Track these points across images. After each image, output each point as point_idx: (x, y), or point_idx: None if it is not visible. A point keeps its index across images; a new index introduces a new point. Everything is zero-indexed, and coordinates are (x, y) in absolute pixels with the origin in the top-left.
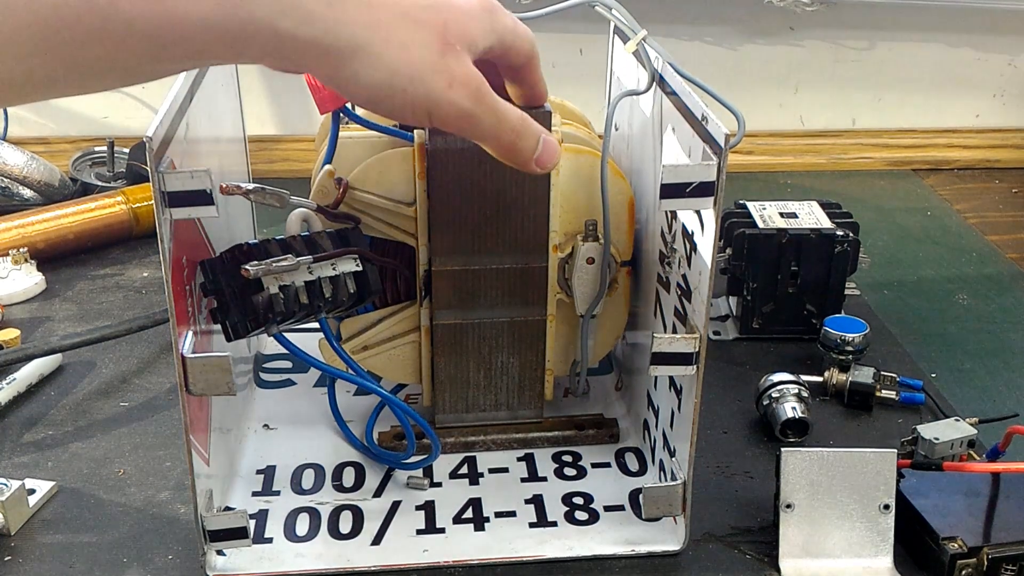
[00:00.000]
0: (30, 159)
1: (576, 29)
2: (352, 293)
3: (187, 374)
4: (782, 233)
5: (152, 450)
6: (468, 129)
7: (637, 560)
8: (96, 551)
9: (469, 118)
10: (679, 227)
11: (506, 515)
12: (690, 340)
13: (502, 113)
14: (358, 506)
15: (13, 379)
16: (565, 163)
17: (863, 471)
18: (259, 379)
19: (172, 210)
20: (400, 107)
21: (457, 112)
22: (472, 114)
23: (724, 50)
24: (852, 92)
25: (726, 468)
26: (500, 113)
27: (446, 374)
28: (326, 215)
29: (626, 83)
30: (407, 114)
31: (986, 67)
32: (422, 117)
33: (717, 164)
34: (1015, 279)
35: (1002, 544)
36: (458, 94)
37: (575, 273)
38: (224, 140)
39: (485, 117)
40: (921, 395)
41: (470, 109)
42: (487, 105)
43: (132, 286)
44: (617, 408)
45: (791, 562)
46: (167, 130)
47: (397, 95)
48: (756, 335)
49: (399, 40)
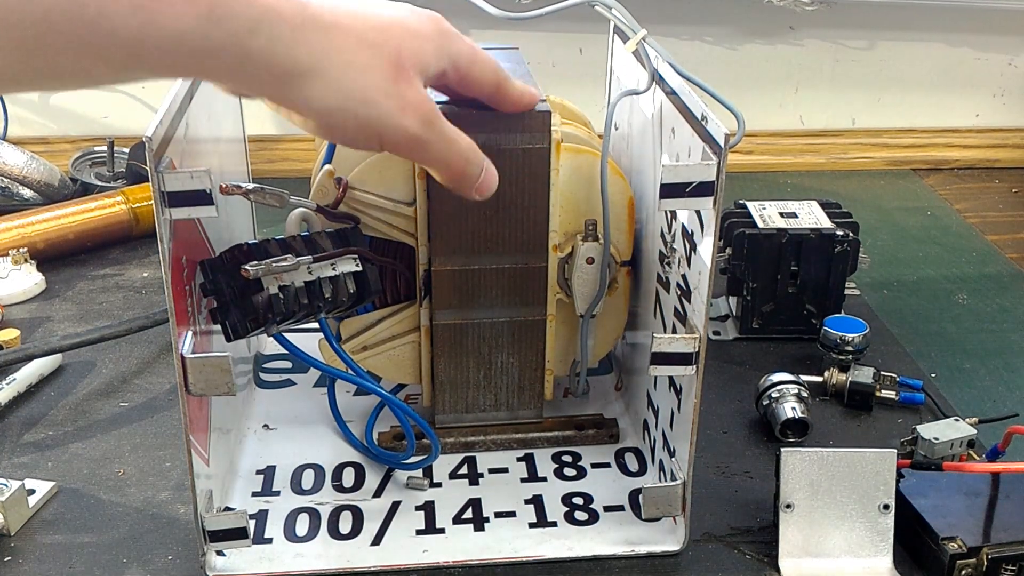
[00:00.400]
0: (30, 159)
1: (576, 29)
2: (352, 293)
3: (187, 374)
4: (782, 233)
5: (152, 450)
6: (418, 154)
7: (637, 560)
8: (96, 551)
9: (420, 143)
10: (679, 227)
11: (506, 515)
12: (690, 340)
13: (451, 140)
14: (358, 506)
15: (13, 379)
16: (565, 163)
17: (863, 471)
18: (259, 379)
19: (172, 210)
20: (353, 131)
21: (407, 138)
22: (422, 139)
23: (724, 50)
24: (852, 92)
25: (726, 468)
26: (449, 140)
27: (446, 374)
28: (326, 215)
29: (626, 83)
30: (359, 138)
31: (986, 67)
32: (373, 141)
33: (717, 164)
34: (1015, 279)
35: (1002, 544)
36: (410, 120)
37: (575, 273)
38: (224, 140)
39: (435, 143)
40: (921, 395)
41: (421, 135)
42: (437, 131)
43: (132, 286)
44: (617, 408)
45: (791, 562)
46: (167, 130)
47: (349, 119)
48: (756, 335)
49: (353, 65)
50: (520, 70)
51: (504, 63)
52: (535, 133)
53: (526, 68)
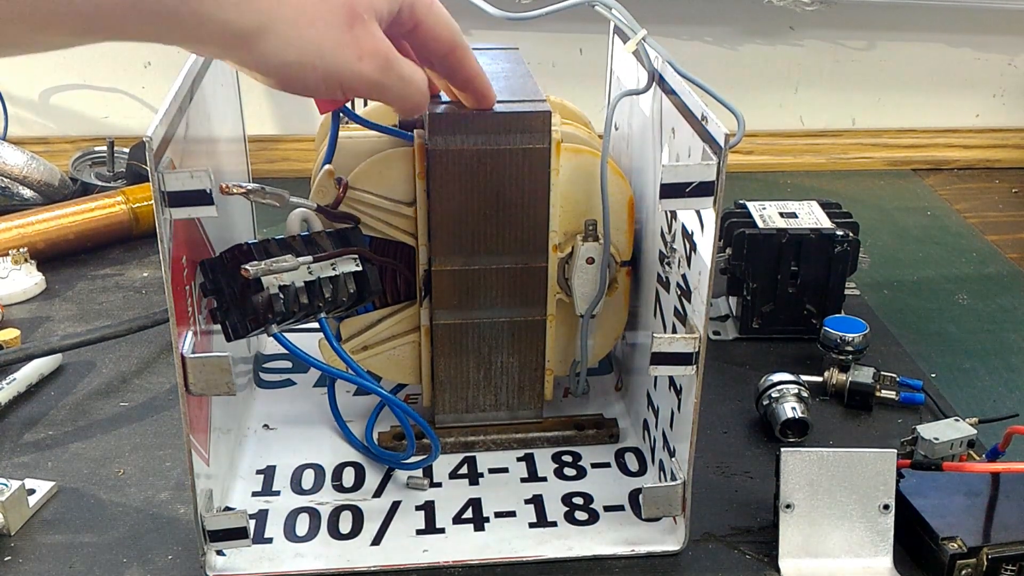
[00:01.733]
0: (30, 159)
1: (576, 29)
2: (352, 293)
3: (187, 374)
4: (782, 233)
5: (152, 450)
6: (377, 96)
7: (637, 560)
8: (96, 551)
9: (379, 87)
10: (679, 227)
11: (506, 515)
12: (690, 340)
13: (408, 80)
14: (358, 506)
15: (13, 379)
16: (565, 163)
17: (863, 471)
18: (259, 379)
19: (172, 210)
20: (313, 83)
21: (367, 83)
22: (382, 83)
23: (724, 50)
24: (852, 92)
25: (726, 468)
26: (407, 80)
27: (446, 374)
28: (326, 215)
29: (626, 83)
30: (320, 88)
31: (986, 67)
32: (335, 90)
33: (717, 164)
34: (1015, 279)
35: (1002, 544)
36: (368, 66)
37: (575, 273)
38: (224, 140)
39: (394, 85)
40: (921, 395)
41: (379, 80)
42: (395, 74)
43: (132, 286)
44: (617, 408)
45: (791, 562)
46: (167, 130)
47: (308, 72)
48: (756, 335)
49: (306, 17)
50: (520, 70)
51: (504, 63)
52: (535, 133)
53: (526, 68)
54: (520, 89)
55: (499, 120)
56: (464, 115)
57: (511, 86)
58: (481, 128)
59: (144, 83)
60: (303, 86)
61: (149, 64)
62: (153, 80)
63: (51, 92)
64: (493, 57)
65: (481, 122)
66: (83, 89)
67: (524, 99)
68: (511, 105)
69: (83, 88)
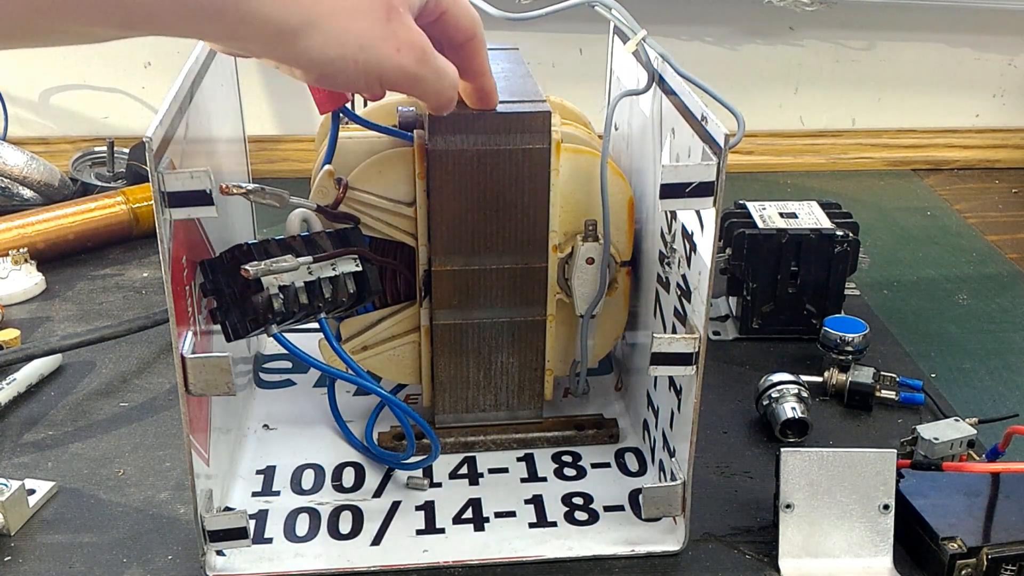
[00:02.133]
0: (30, 159)
1: (576, 29)
2: (352, 293)
3: (187, 374)
4: (782, 233)
5: (152, 450)
6: (413, 89)
7: (637, 560)
8: (96, 551)
9: (416, 80)
10: (679, 227)
11: (506, 515)
12: (690, 340)
13: (443, 72)
14: (358, 506)
15: (13, 379)
16: (565, 163)
17: (863, 471)
18: (259, 379)
19: (172, 210)
20: (353, 78)
21: (406, 76)
22: (419, 75)
23: (724, 50)
24: (852, 92)
25: (726, 468)
26: (441, 71)
27: (446, 374)
28: (326, 215)
29: (626, 83)
30: (360, 82)
31: (986, 67)
32: (374, 84)
33: (717, 164)
34: (1015, 279)
35: (1001, 544)
36: (406, 58)
37: (575, 273)
38: (224, 140)
39: (430, 77)
40: (921, 395)
41: (417, 72)
42: (431, 67)
43: (132, 286)
44: (617, 408)
45: (791, 562)
46: (167, 130)
47: (349, 66)
48: (756, 335)
49: (346, 12)
50: (520, 70)
51: (504, 63)
52: (535, 133)
53: (526, 68)
54: (520, 89)
55: (499, 120)
56: (464, 115)
57: (511, 86)
58: (481, 128)
59: (144, 83)
60: (343, 80)
61: (149, 64)
62: (153, 80)
63: (51, 92)
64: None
65: (481, 122)
66: (83, 89)
67: (524, 99)
68: (511, 105)
69: (83, 88)
